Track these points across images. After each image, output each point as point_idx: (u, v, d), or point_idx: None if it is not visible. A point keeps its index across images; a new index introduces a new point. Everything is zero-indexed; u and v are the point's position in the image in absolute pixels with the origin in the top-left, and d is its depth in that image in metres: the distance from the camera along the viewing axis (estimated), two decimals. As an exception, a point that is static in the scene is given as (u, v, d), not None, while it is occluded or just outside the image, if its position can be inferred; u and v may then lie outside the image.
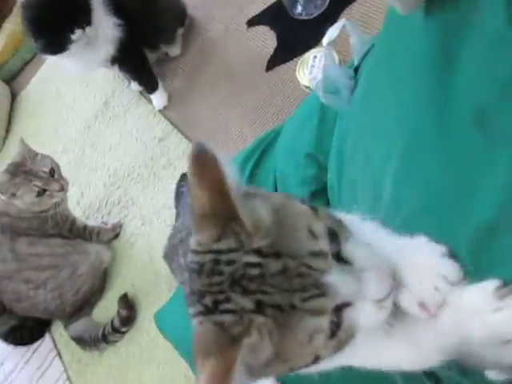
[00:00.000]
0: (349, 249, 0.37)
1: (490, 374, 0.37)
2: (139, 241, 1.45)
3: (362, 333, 0.38)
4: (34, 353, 1.48)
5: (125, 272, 1.42)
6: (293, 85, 1.34)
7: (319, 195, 0.78)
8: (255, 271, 0.34)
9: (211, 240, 0.35)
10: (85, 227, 1.39)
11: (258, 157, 0.95)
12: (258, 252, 0.34)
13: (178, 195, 1.20)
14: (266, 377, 0.38)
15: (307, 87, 1.27)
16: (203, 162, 0.34)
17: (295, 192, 0.80)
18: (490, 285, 0.36)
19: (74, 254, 1.31)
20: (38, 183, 1.23)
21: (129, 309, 1.31)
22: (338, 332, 0.36)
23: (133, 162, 1.59)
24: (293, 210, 0.37)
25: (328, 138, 0.75)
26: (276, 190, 0.85)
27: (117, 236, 1.47)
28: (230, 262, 0.34)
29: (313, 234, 0.36)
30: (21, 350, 1.50)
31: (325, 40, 0.68)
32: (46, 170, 1.26)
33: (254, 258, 0.34)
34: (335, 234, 0.37)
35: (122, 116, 1.73)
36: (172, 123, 1.57)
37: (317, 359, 0.37)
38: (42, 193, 1.24)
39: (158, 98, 1.60)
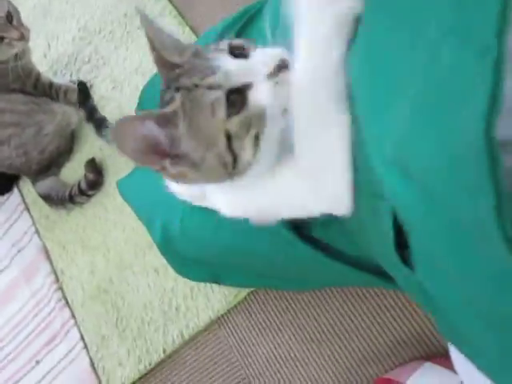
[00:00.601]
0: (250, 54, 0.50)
1: None
2: (110, 105, 1.38)
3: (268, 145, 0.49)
4: (1, 205, 1.50)
5: (93, 135, 1.37)
6: None
7: None
8: (175, 75, 0.50)
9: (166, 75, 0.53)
10: (51, 84, 1.30)
11: (243, 25, 0.87)
12: (180, 67, 0.50)
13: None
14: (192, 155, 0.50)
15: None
16: (146, 30, 0.52)
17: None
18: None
19: (39, 112, 1.25)
20: None
21: (96, 173, 1.30)
22: (245, 108, 0.47)
23: (105, 17, 1.44)
24: None
25: None
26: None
27: (86, 97, 1.40)
28: (172, 81, 0.50)
29: (218, 43, 0.52)
30: (-12, 201, 1.52)
31: None
32: (2, 14, 1.12)
33: (176, 71, 0.50)
34: (243, 48, 0.50)
35: (94, -42, 1.52)
36: (150, -24, 1.39)
37: (230, 138, 0.47)
38: (1, 40, 1.12)
39: None
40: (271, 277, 0.89)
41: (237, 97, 0.46)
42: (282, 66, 0.46)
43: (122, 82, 1.36)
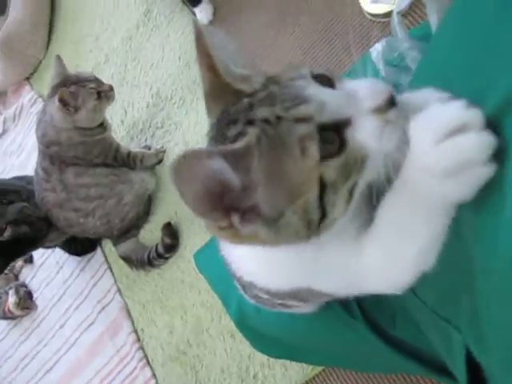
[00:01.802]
0: (343, 84, 0.40)
1: None
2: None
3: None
4: (87, 263, 1.61)
5: (168, 199, 1.44)
6: (353, 8, 1.16)
7: None
8: (244, 105, 0.39)
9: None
10: (129, 154, 1.39)
11: None
12: (250, 95, 0.39)
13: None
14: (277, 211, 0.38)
15: (372, 15, 1.10)
16: (200, 43, 0.41)
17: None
18: None
19: (118, 183, 1.33)
20: (92, 85, 1.25)
21: (172, 237, 1.35)
22: (345, 149, 0.37)
23: (175, 84, 1.51)
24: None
25: None
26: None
27: (160, 162, 1.47)
28: (241, 113, 0.39)
29: (297, 69, 0.40)
30: (77, 258, 1.63)
31: (395, 8, 0.54)
32: (93, 78, 1.28)
33: (245, 100, 0.39)
34: (327, 78, 0.41)
35: (164, 28, 1.60)
36: (217, 42, 1.44)
37: (324, 186, 0.37)
38: (100, 95, 1.25)
39: (202, 12, 1.45)
40: (345, 359, 0.87)
41: (331, 134, 0.37)
42: (392, 103, 0.37)
43: (195, 146, 1.41)
